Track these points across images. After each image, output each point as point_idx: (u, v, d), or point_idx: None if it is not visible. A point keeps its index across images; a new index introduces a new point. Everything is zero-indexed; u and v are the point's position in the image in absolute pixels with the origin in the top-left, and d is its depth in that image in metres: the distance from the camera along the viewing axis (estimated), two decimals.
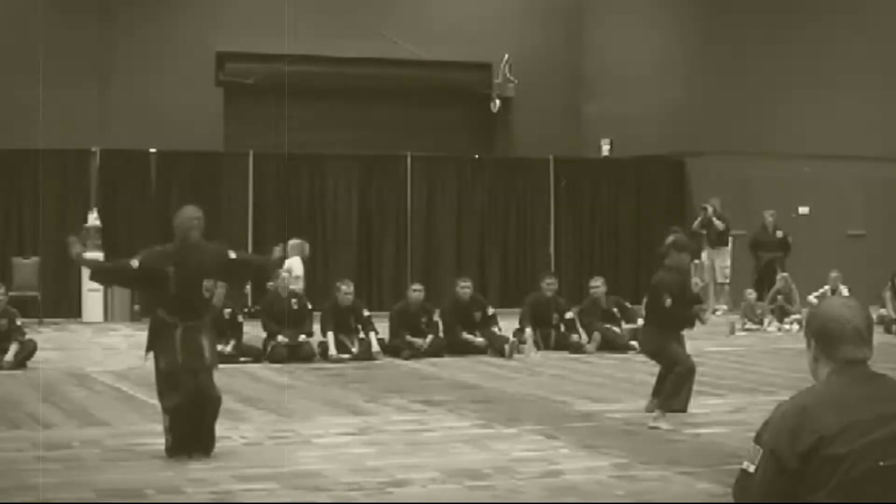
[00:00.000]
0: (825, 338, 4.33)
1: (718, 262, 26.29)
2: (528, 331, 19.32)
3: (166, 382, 10.59)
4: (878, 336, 19.60)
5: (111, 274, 11.67)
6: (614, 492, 9.44)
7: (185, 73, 28.44)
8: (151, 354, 10.71)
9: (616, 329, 19.61)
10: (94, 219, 24.02)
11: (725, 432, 11.90)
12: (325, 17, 29.42)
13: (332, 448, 11.13)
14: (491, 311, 19.54)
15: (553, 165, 27.98)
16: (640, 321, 15.73)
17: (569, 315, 19.84)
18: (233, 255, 11.10)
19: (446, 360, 18.19)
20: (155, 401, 13.82)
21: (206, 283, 10.63)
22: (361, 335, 18.38)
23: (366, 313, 18.69)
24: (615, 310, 19.92)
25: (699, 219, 26.18)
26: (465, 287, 19.39)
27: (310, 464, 10.34)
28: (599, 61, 30.95)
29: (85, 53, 27.77)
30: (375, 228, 26.70)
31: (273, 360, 17.66)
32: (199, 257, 10.68)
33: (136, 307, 23.91)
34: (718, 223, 25.88)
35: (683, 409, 12.76)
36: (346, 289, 18.52)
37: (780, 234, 25.38)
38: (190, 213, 10.92)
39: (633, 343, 18.05)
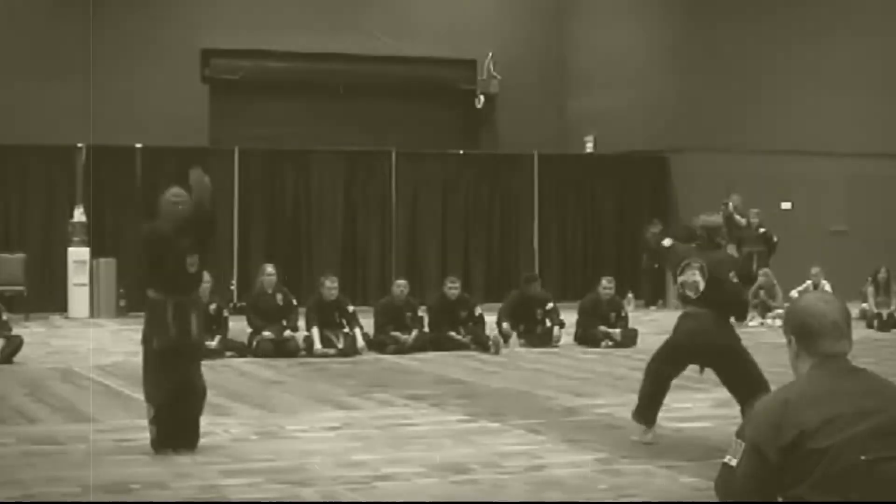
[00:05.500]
0: (804, 333, 4.37)
1: None
2: (506, 325, 19.38)
3: (158, 364, 10.57)
4: (860, 331, 19.77)
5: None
6: (598, 486, 9.49)
7: (171, 69, 28.46)
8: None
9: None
10: (79, 214, 24.04)
11: (708, 426, 11.95)
12: (310, 14, 29.46)
13: (318, 442, 11.16)
14: (478, 311, 19.54)
15: (537, 161, 28.05)
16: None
17: (549, 306, 19.89)
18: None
19: (431, 355, 18.22)
20: (139, 395, 13.90)
21: (190, 259, 10.56)
22: (346, 330, 18.42)
23: (350, 308, 18.72)
24: (612, 314, 19.94)
25: (719, 215, 25.97)
26: (452, 287, 19.44)
27: (295, 458, 10.37)
28: (583, 58, 31.01)
29: (71, 49, 27.74)
30: (360, 224, 26.74)
31: (258, 355, 17.68)
32: (180, 234, 10.55)
33: (122, 302, 23.98)
34: (740, 220, 25.68)
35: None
36: (331, 284, 18.55)
37: (761, 230, 25.43)
38: (177, 192, 10.75)
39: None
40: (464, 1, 30.95)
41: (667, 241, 11.81)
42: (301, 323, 18.57)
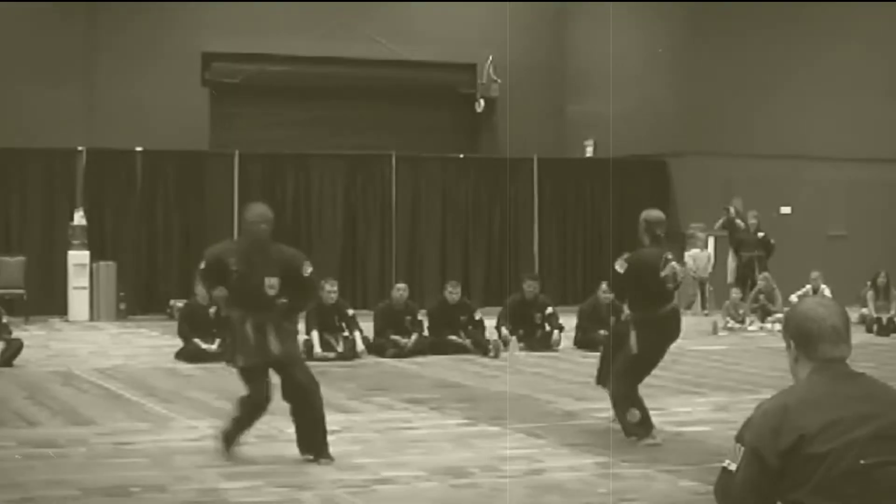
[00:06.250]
0: (803, 337, 4.37)
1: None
2: (505, 331, 19.38)
3: (245, 378, 10.60)
4: (859, 335, 19.77)
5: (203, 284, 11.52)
6: (597, 490, 9.50)
7: (172, 72, 28.47)
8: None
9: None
10: (80, 217, 24.07)
11: (707, 430, 11.97)
12: (311, 18, 29.46)
13: None
14: (478, 315, 19.54)
15: (537, 166, 28.07)
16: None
17: (549, 311, 19.88)
18: (307, 271, 10.81)
19: (430, 358, 18.23)
20: (138, 399, 13.91)
21: (270, 281, 10.38)
22: (346, 334, 18.42)
23: (350, 312, 18.73)
24: (612, 318, 19.88)
25: (721, 220, 26.03)
26: (453, 291, 19.44)
27: (295, 462, 10.39)
28: (583, 62, 31.02)
29: (72, 52, 27.78)
30: (360, 227, 26.76)
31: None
32: (264, 255, 10.48)
33: (122, 306, 24.02)
34: (741, 224, 25.67)
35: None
36: (331, 287, 18.54)
37: (760, 234, 25.45)
38: (261, 213, 10.77)
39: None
40: (464, 5, 30.96)
41: (619, 267, 11.81)
42: (301, 326, 18.54)
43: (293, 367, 10.59)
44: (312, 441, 10.50)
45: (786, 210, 28.10)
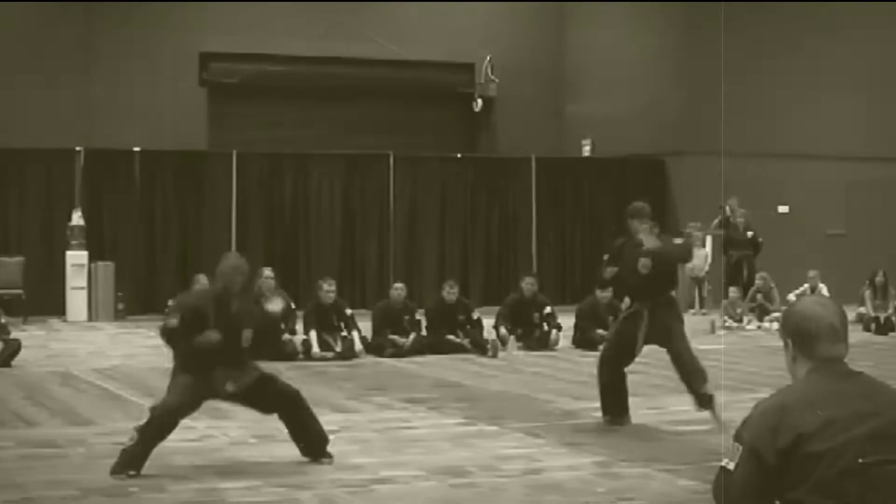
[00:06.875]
0: (801, 337, 4.37)
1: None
2: (503, 330, 19.39)
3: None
4: (857, 334, 19.80)
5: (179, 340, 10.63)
6: (596, 489, 9.50)
7: (169, 72, 28.47)
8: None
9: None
10: (78, 218, 24.06)
11: (706, 430, 11.96)
12: (308, 18, 29.46)
13: None
14: (476, 315, 19.54)
15: (535, 165, 28.07)
16: None
17: (547, 310, 19.88)
18: (269, 307, 10.79)
19: (429, 358, 18.24)
20: (137, 399, 13.91)
21: (246, 334, 10.21)
22: (344, 333, 18.42)
23: (348, 311, 18.74)
24: (610, 317, 19.86)
25: (717, 219, 26.03)
26: (451, 291, 19.45)
27: (294, 461, 10.39)
28: (581, 62, 31.03)
29: (69, 52, 27.78)
30: (358, 227, 26.76)
31: (256, 359, 17.64)
32: (241, 304, 10.23)
33: (121, 306, 24.02)
34: (735, 222, 25.69)
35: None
36: (329, 287, 18.55)
37: (749, 234, 25.42)
38: (237, 265, 10.28)
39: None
40: (462, 5, 30.94)
41: (643, 268, 11.94)
42: (299, 326, 18.58)
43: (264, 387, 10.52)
44: (310, 440, 10.49)
45: (783, 209, 28.10)
